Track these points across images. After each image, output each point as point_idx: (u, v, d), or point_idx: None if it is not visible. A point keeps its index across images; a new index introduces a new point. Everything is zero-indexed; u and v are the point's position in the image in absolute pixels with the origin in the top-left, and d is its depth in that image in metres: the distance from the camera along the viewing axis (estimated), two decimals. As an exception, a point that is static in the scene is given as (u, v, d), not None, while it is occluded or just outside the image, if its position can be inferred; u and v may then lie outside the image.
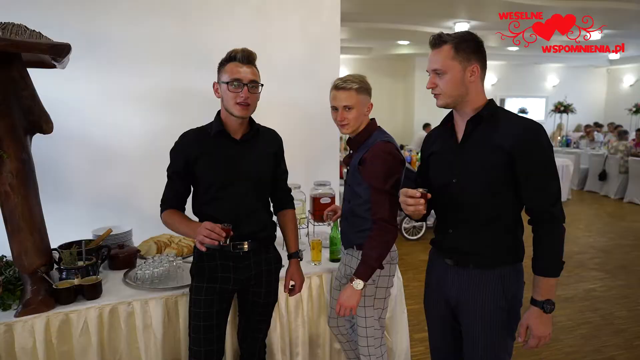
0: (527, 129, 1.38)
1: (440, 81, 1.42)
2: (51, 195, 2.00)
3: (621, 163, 7.59)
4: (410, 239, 5.29)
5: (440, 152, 1.55)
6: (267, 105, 2.89)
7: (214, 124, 1.66)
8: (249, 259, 1.70)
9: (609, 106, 13.42)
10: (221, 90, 1.61)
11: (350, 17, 6.56)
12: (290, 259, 1.85)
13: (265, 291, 1.75)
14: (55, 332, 1.63)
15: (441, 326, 1.64)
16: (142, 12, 2.50)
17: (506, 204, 1.43)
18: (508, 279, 1.46)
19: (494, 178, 1.41)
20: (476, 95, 1.45)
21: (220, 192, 1.64)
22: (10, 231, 1.66)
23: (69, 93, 2.36)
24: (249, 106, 1.59)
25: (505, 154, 1.37)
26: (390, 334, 2.23)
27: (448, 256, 1.54)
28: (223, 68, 1.60)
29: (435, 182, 1.55)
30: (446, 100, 1.44)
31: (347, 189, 1.84)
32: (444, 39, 1.41)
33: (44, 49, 1.56)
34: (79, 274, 1.76)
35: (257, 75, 1.63)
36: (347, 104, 1.72)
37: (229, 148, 1.65)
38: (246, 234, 1.66)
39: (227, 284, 1.67)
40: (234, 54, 1.59)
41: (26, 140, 1.71)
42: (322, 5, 2.89)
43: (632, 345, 2.96)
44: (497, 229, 1.45)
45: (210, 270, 1.67)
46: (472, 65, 1.41)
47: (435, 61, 1.42)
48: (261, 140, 1.72)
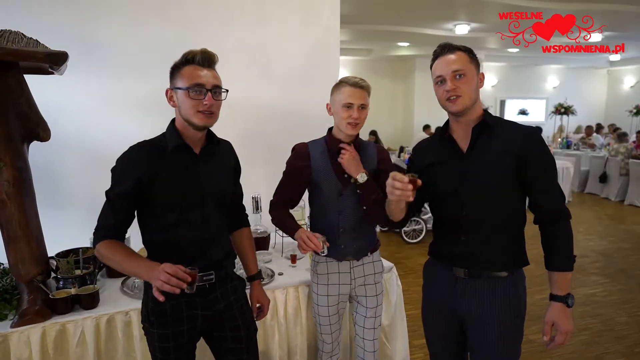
0: (530, 133, 1.44)
1: (460, 83, 1.41)
2: (49, 202, 1.99)
3: (622, 165, 7.57)
4: (410, 242, 5.28)
5: (443, 162, 1.53)
6: (267, 109, 2.91)
7: (170, 136, 1.42)
8: (215, 291, 1.49)
9: (610, 108, 13.41)
10: (177, 98, 1.39)
11: (350, 20, 6.55)
12: (252, 282, 1.70)
13: (242, 323, 1.55)
14: (52, 342, 1.61)
15: (443, 342, 1.63)
16: (140, 18, 2.49)
17: (515, 209, 1.48)
18: (520, 284, 1.50)
19: (504, 183, 1.43)
20: (479, 104, 1.49)
21: (183, 215, 1.41)
22: (6, 240, 1.65)
23: (66, 99, 2.35)
24: (212, 114, 1.40)
25: (515, 158, 1.40)
26: (389, 341, 2.22)
27: (459, 266, 1.51)
28: (179, 72, 1.38)
29: (440, 192, 1.54)
30: (466, 102, 1.42)
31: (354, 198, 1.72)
32: (455, 47, 1.45)
33: (41, 58, 1.55)
34: (76, 284, 1.75)
35: (220, 80, 1.43)
36: (363, 103, 1.68)
37: (191, 164, 1.43)
38: (213, 262, 1.47)
39: (194, 322, 1.45)
40: (191, 55, 1.38)
41: (23, 147, 1.70)
42: (321, 9, 2.88)
43: (633, 352, 2.94)
44: (507, 234, 1.48)
45: (173, 311, 1.42)
46: (480, 74, 1.47)
47: (455, 62, 1.42)
48: (220, 153, 1.54)
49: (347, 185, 1.72)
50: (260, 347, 1.97)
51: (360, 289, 1.81)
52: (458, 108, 1.43)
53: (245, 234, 1.72)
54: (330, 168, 1.73)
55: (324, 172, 1.73)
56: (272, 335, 1.99)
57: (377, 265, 1.85)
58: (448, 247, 1.55)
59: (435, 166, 1.55)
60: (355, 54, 10.39)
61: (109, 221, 1.38)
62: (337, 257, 1.77)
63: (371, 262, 1.83)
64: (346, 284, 1.80)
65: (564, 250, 1.44)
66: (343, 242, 1.75)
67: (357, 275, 1.80)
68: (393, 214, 1.54)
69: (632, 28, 7.36)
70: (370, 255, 1.83)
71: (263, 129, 2.78)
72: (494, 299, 1.46)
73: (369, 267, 1.82)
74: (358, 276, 1.80)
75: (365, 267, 1.81)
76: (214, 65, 1.43)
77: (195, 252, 1.44)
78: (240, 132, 2.70)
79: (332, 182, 1.72)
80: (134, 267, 1.31)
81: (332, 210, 1.74)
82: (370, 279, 1.82)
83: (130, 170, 1.37)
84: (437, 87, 1.46)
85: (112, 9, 2.42)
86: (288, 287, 2.02)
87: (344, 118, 1.66)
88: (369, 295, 1.82)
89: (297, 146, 1.80)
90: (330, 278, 1.79)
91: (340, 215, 1.74)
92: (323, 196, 1.75)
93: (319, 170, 1.73)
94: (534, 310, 2.60)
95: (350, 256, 1.78)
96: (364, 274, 1.81)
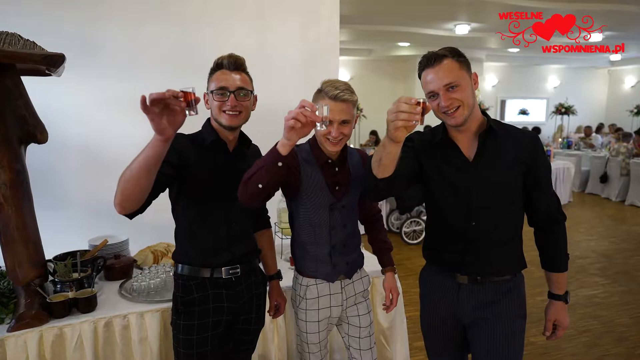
0: (535, 138, 1.45)
1: (455, 94, 1.32)
2: (47, 205, 1.97)
3: (622, 165, 7.56)
4: (410, 243, 5.26)
5: (446, 170, 1.45)
6: (266, 110, 2.89)
7: (206, 132, 1.52)
8: (241, 284, 1.57)
9: (610, 107, 13.38)
10: (210, 100, 1.50)
11: (350, 20, 6.54)
12: (271, 281, 1.78)
13: (255, 317, 1.64)
14: (49, 347, 1.60)
15: (445, 347, 1.62)
16: (140, 19, 2.47)
17: (518, 214, 1.49)
18: (521, 287, 1.52)
19: (513, 190, 1.43)
20: (477, 108, 1.42)
21: (214, 208, 1.50)
22: (3, 243, 1.64)
23: (64, 100, 2.34)
24: (239, 114, 1.46)
25: (523, 165, 1.41)
26: (390, 344, 2.20)
27: (463, 273, 1.48)
28: (211, 77, 1.50)
29: (443, 201, 1.49)
30: (464, 112, 1.34)
31: (344, 211, 1.62)
32: (441, 54, 1.34)
33: (38, 60, 1.55)
34: (73, 287, 1.73)
35: (248, 82, 1.50)
36: (346, 118, 1.48)
37: (225, 159, 1.52)
38: (239, 256, 1.55)
39: (220, 315, 1.52)
40: (220, 60, 1.48)
41: (20, 150, 1.69)
42: (321, 9, 2.86)
43: (634, 354, 2.93)
44: (510, 240, 1.47)
45: (200, 302, 1.49)
46: (473, 74, 1.39)
47: (445, 75, 1.32)
48: (251, 155, 1.62)
49: (339, 199, 1.59)
50: (259, 350, 1.96)
51: (352, 309, 1.70)
52: (457, 121, 1.35)
53: (266, 237, 1.78)
54: (321, 178, 1.57)
55: (314, 182, 1.57)
56: (271, 337, 1.98)
57: (365, 280, 1.75)
58: (450, 254, 1.50)
59: (437, 171, 1.47)
60: (355, 54, 10.37)
61: None
62: (328, 278, 1.63)
63: (360, 279, 1.73)
64: (338, 306, 1.66)
65: (562, 251, 1.50)
66: (335, 261, 1.62)
67: (349, 294, 1.68)
68: (382, 164, 1.25)
69: (632, 28, 7.34)
70: (359, 272, 1.73)
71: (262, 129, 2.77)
72: (497, 302, 1.46)
73: (359, 284, 1.72)
74: (349, 295, 1.68)
75: (355, 284, 1.70)
76: (241, 68, 1.50)
77: (222, 246, 1.51)
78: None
79: (323, 195, 1.57)
80: (145, 149, 1.17)
81: (322, 227, 1.59)
82: (360, 297, 1.72)
83: (175, 146, 1.35)
84: (431, 100, 1.36)
85: (111, 9, 2.41)
86: (287, 290, 2.01)
87: (322, 134, 1.50)
88: (361, 314, 1.70)
89: None
90: (321, 302, 1.64)
91: (332, 232, 1.60)
92: (311, 211, 1.59)
93: (309, 178, 1.57)
94: (535, 312, 2.60)
95: (343, 274, 1.66)
96: (354, 292, 1.70)
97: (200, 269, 1.51)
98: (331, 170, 1.59)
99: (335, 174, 1.60)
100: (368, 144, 8.76)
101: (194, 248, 1.51)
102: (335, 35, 2.93)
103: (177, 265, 1.54)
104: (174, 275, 1.56)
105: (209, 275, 1.50)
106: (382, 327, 2.17)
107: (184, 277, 1.52)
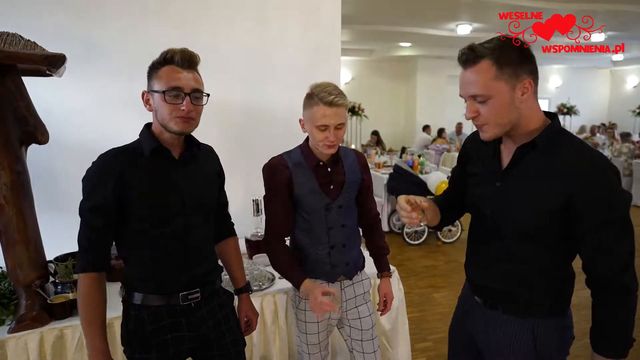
0: (594, 168, 1.07)
1: (483, 108, 1.10)
2: (48, 205, 1.97)
3: (625, 166, 7.54)
4: (411, 243, 5.25)
5: (481, 175, 1.30)
6: (267, 110, 2.89)
7: (145, 141, 1.30)
8: (201, 309, 1.38)
9: (613, 107, 13.38)
10: (154, 101, 1.27)
11: (352, 20, 6.54)
12: (239, 295, 1.59)
13: (230, 340, 1.45)
14: (50, 348, 1.60)
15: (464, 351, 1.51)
16: (140, 20, 2.47)
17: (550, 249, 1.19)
18: (543, 333, 1.21)
19: (537, 219, 1.14)
20: (530, 117, 1.13)
21: (164, 226, 1.28)
22: (4, 244, 1.64)
23: (65, 101, 2.34)
24: (192, 120, 1.27)
25: (560, 196, 1.09)
26: (391, 345, 2.20)
27: (477, 294, 1.35)
28: (156, 73, 1.26)
29: (472, 210, 1.36)
30: (495, 131, 1.13)
31: (341, 211, 1.62)
32: (479, 53, 1.08)
33: (39, 60, 1.54)
34: (74, 288, 1.73)
35: (201, 83, 1.31)
36: (340, 122, 1.49)
37: (171, 170, 1.31)
38: (198, 277, 1.36)
39: (180, 345, 1.34)
40: (170, 55, 1.26)
41: (21, 151, 1.69)
42: (322, 9, 2.86)
43: (638, 356, 2.91)
44: (532, 271, 1.21)
45: (156, 334, 1.30)
46: (523, 81, 1.08)
47: (472, 84, 1.09)
48: (202, 157, 1.41)
49: (334, 199, 1.60)
50: (261, 352, 1.96)
51: (352, 311, 1.69)
52: (485, 136, 1.16)
53: (231, 244, 1.59)
54: (314, 181, 1.57)
55: (308, 185, 1.58)
56: (272, 340, 1.97)
57: (365, 283, 1.75)
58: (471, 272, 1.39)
59: (474, 178, 1.34)
60: (357, 55, 10.38)
61: (91, 245, 1.26)
62: (328, 279, 1.64)
63: (360, 281, 1.73)
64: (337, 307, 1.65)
65: (610, 330, 1.14)
66: (334, 261, 1.63)
67: (349, 296, 1.68)
68: (428, 220, 1.34)
69: (633, 28, 7.34)
70: (359, 274, 1.73)
71: (263, 130, 2.77)
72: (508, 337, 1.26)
73: (359, 286, 1.72)
74: (349, 297, 1.69)
75: (355, 286, 1.71)
76: (195, 66, 1.31)
77: (178, 267, 1.33)
78: (240, 134, 2.69)
79: (317, 197, 1.58)
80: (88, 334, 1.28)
81: (320, 228, 1.60)
82: (360, 299, 1.71)
83: (105, 178, 1.23)
84: None
85: (112, 10, 2.40)
86: (289, 291, 2.00)
87: (319, 140, 1.50)
88: (362, 316, 1.70)
89: (271, 161, 1.60)
90: None
91: (330, 232, 1.61)
92: (308, 213, 1.60)
93: (302, 184, 1.57)
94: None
95: (343, 275, 1.66)
96: (354, 294, 1.70)
97: (154, 296, 1.31)
98: (323, 171, 1.60)
99: (329, 175, 1.61)
100: (369, 144, 8.75)
101: (147, 272, 1.31)
102: (337, 35, 2.93)
103: (127, 292, 1.35)
104: (123, 301, 1.36)
105: (165, 302, 1.31)
106: (383, 328, 2.16)
107: (135, 306, 1.32)
